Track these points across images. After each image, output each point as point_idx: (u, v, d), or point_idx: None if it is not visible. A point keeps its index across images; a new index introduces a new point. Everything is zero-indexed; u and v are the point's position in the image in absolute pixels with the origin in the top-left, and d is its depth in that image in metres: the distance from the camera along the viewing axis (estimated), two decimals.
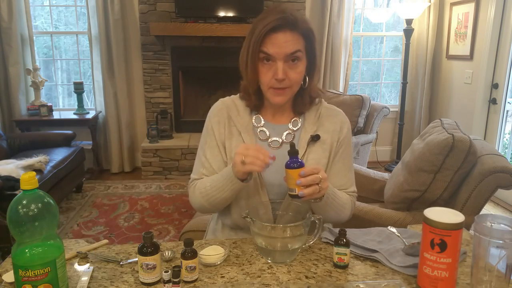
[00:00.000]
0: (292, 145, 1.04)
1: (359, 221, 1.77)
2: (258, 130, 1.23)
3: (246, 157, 1.02)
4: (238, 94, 1.28)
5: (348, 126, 1.26)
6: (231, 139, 1.22)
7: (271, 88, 1.14)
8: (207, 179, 1.19)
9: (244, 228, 1.25)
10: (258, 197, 1.17)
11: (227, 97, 1.30)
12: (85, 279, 0.95)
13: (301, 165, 1.02)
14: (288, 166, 1.03)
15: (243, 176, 1.08)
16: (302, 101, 1.21)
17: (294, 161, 1.03)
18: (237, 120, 1.23)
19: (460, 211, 0.88)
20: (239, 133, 1.21)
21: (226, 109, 1.25)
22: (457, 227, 0.83)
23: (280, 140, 1.22)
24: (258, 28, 1.09)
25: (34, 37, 4.06)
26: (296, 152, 1.04)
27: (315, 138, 1.19)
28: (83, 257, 1.06)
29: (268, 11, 1.11)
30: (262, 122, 1.23)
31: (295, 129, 1.23)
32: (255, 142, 1.20)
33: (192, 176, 1.27)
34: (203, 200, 1.18)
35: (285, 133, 1.22)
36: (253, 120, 1.23)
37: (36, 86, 3.98)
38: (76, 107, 4.14)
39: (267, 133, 1.22)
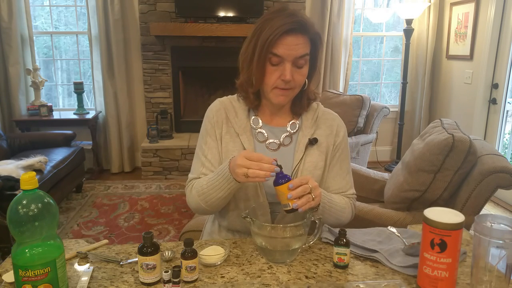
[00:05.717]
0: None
1: (359, 221, 1.77)
2: (256, 131, 1.22)
3: (249, 170, 1.00)
4: (236, 95, 1.28)
5: (344, 130, 1.27)
6: (228, 139, 1.22)
7: (276, 88, 1.13)
8: (204, 178, 1.17)
9: (241, 231, 1.25)
10: (257, 199, 1.17)
11: (225, 97, 1.29)
12: (85, 279, 0.95)
13: (288, 179, 1.01)
14: (276, 183, 1.02)
15: (243, 180, 1.06)
16: (300, 103, 1.22)
17: (280, 177, 1.01)
18: (235, 121, 1.22)
19: (460, 211, 0.88)
20: (237, 135, 1.21)
21: (224, 110, 1.25)
22: (457, 227, 0.83)
23: (278, 142, 1.22)
24: (268, 29, 1.07)
25: (34, 37, 4.06)
26: (280, 167, 1.02)
27: (313, 142, 1.20)
28: (83, 257, 1.06)
29: (276, 12, 1.10)
30: (260, 123, 1.23)
31: (293, 131, 1.23)
32: (253, 144, 1.20)
33: (190, 176, 1.25)
34: (200, 199, 1.15)
35: (283, 136, 1.22)
36: (251, 122, 1.23)
37: (36, 86, 3.98)
38: (76, 107, 4.14)
39: (265, 134, 1.22)
